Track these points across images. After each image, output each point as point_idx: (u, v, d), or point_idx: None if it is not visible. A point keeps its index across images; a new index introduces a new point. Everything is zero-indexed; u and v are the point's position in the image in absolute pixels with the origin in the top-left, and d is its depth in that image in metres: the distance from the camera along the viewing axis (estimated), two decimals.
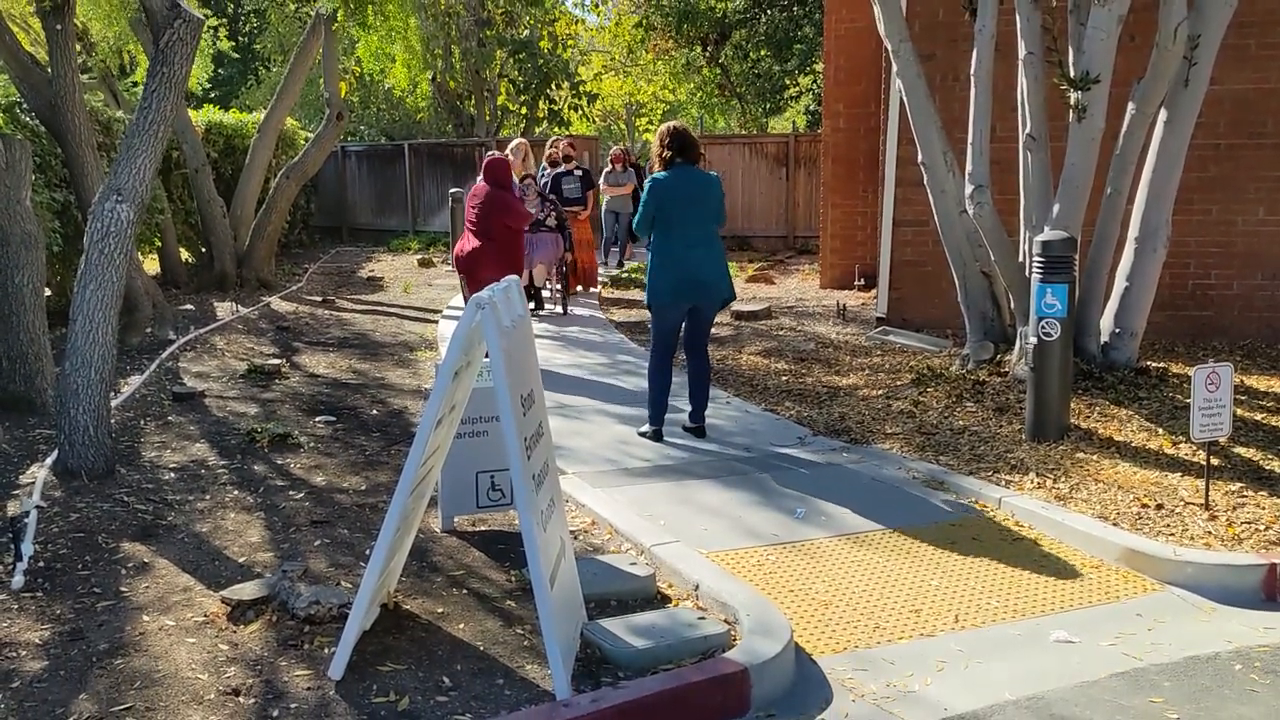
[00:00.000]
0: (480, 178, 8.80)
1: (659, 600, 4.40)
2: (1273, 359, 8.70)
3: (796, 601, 4.43)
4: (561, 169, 13.31)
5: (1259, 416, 6.87)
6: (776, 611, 4.14)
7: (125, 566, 4.63)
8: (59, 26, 9.55)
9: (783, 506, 5.57)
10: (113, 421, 6.36)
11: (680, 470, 6.21)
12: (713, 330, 7.23)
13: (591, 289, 13.42)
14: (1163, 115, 7.43)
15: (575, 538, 5.08)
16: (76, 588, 4.39)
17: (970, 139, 7.91)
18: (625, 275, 15.08)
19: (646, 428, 6.87)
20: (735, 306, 11.27)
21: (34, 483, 5.57)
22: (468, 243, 8.65)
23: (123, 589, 4.39)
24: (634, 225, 6.84)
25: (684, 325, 6.78)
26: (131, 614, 4.15)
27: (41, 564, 4.61)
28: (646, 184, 6.68)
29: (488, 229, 8.44)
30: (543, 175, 13.16)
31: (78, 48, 11.67)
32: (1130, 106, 7.44)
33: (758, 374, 8.74)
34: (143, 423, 7.04)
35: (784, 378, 8.57)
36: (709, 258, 6.59)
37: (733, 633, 4.01)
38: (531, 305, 11.41)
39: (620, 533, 5.13)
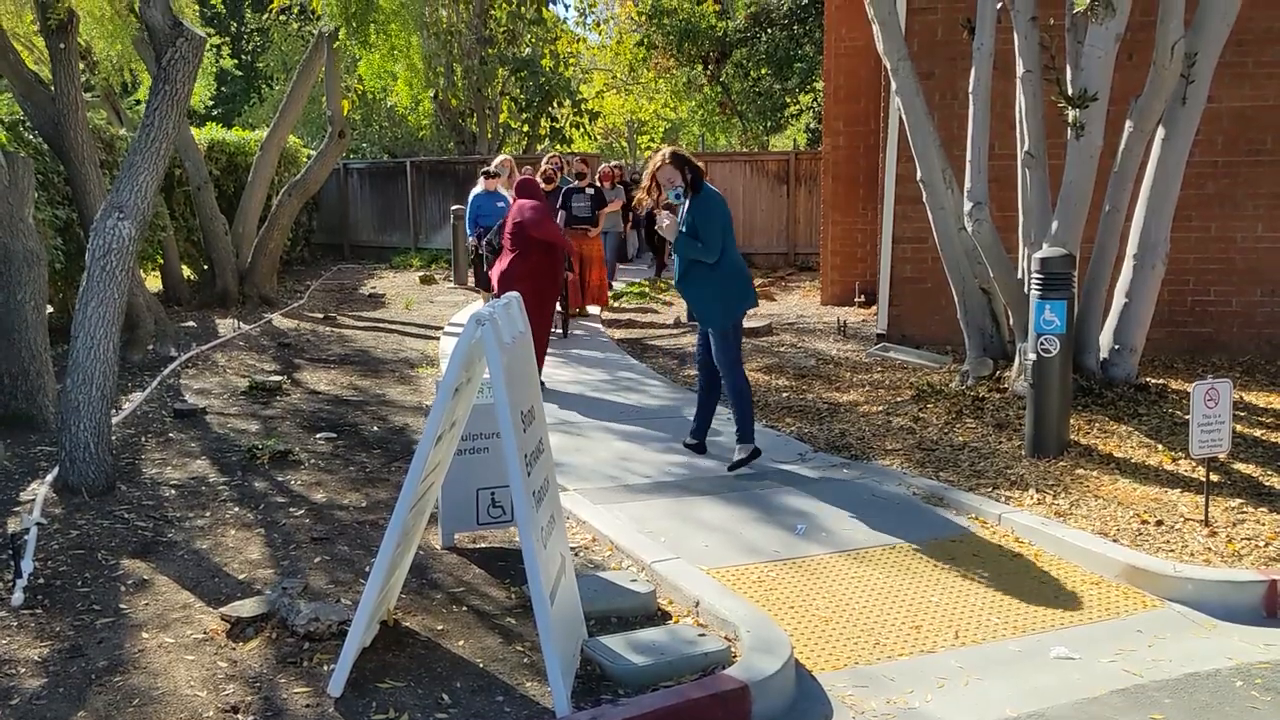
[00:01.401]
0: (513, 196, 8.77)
1: (660, 617, 4.40)
2: (1272, 375, 8.70)
3: (797, 618, 4.43)
4: (573, 185, 13.21)
5: (1258, 432, 6.88)
6: (777, 628, 4.14)
7: (125, 583, 4.63)
8: (62, 45, 9.62)
9: (783, 523, 5.57)
10: (114, 438, 6.37)
11: (681, 486, 6.21)
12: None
13: (603, 305, 13.36)
14: (1161, 132, 7.46)
15: (576, 554, 5.08)
16: (76, 605, 4.39)
17: (969, 156, 7.94)
18: (635, 294, 15.09)
19: (747, 452, 6.47)
20: None
21: (35, 499, 5.57)
22: (502, 260, 8.58)
23: (122, 606, 4.39)
24: (706, 245, 6.32)
25: (700, 344, 6.69)
26: (131, 631, 4.15)
27: (41, 581, 4.61)
28: (704, 202, 6.35)
29: (521, 246, 8.35)
30: None
31: (81, 66, 11.74)
32: (1128, 124, 7.47)
33: (759, 390, 8.74)
34: (144, 439, 7.04)
35: (785, 394, 8.58)
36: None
37: (733, 649, 4.01)
38: None
39: (621, 549, 5.14)
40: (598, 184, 13.94)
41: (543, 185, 13.09)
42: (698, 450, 6.83)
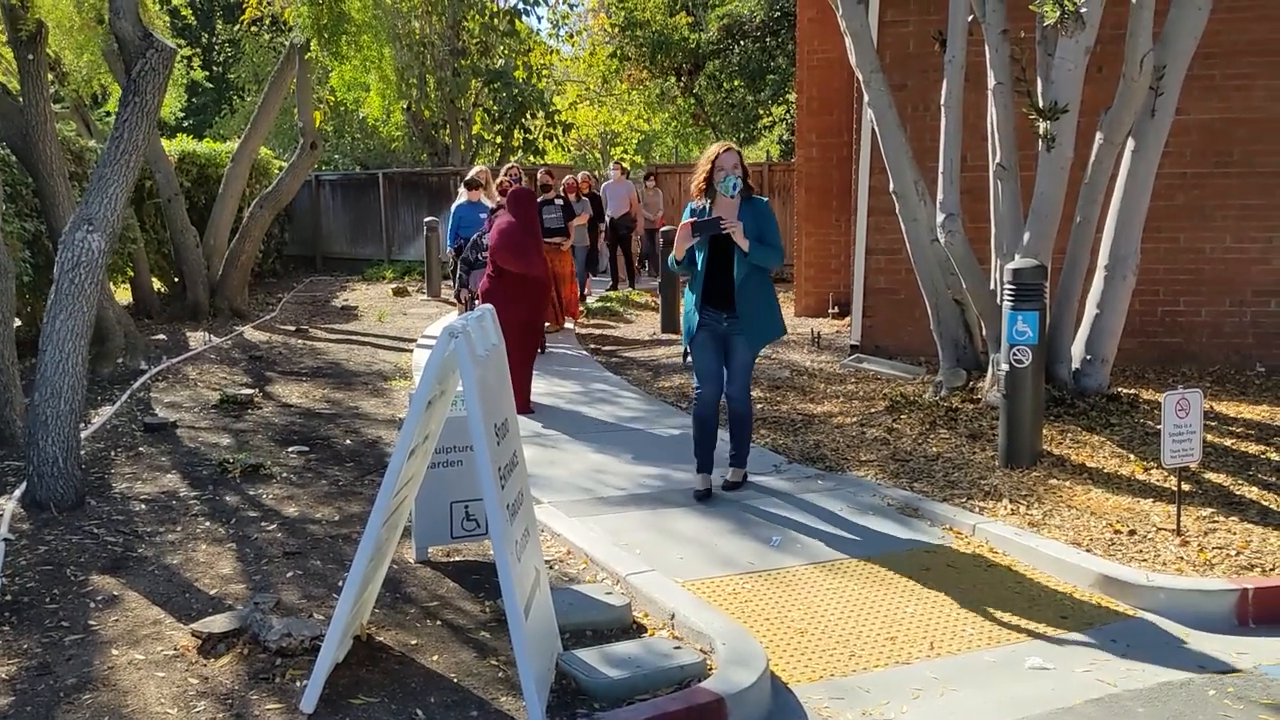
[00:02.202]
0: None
1: (635, 630, 4.38)
2: (1241, 384, 8.79)
3: (772, 630, 4.42)
4: (541, 198, 13.10)
5: (1229, 442, 6.94)
6: (752, 640, 4.14)
7: (94, 599, 4.57)
8: (31, 56, 9.51)
9: (758, 535, 5.56)
10: (83, 453, 6.29)
11: (656, 499, 6.19)
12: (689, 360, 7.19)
13: (575, 318, 13.31)
14: (1130, 144, 7.53)
15: (551, 567, 5.06)
16: (44, 621, 4.33)
17: (941, 168, 7.98)
18: (607, 307, 15.07)
19: (740, 476, 6.34)
20: None
21: (2, 515, 5.50)
22: (484, 279, 8.45)
23: (91, 622, 4.33)
24: (777, 248, 6.04)
25: (719, 361, 6.17)
26: (100, 648, 4.10)
27: (9, 598, 4.54)
28: (764, 206, 6.10)
29: (497, 267, 8.19)
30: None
31: (50, 77, 11.62)
32: (1098, 136, 7.54)
33: None
34: (113, 454, 6.96)
35: (759, 405, 8.58)
36: None
37: (709, 662, 4.00)
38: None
39: (596, 562, 5.11)
40: (564, 195, 13.83)
41: (498, 198, 12.89)
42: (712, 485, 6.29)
